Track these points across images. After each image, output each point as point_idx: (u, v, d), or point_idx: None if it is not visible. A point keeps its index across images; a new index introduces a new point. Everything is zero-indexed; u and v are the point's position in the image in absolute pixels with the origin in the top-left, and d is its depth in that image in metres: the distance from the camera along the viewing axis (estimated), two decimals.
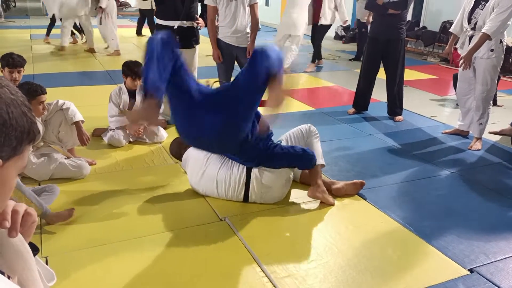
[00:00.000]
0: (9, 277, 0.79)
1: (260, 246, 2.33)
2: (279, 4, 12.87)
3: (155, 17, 4.09)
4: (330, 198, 2.80)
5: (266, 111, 2.22)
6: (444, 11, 8.96)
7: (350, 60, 8.30)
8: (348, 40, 10.87)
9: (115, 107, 3.67)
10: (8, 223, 0.78)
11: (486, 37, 3.60)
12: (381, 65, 4.66)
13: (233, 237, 2.40)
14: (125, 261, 2.15)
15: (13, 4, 15.67)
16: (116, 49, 7.76)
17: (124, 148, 3.62)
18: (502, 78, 5.71)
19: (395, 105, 4.68)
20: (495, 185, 3.20)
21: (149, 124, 2.27)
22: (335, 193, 2.88)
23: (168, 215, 2.61)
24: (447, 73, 7.29)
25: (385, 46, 4.49)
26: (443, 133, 4.28)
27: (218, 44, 4.12)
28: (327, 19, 6.90)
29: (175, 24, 3.87)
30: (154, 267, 2.14)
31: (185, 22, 3.90)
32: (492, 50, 3.71)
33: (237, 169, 2.71)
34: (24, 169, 2.88)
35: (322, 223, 2.62)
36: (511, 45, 6.39)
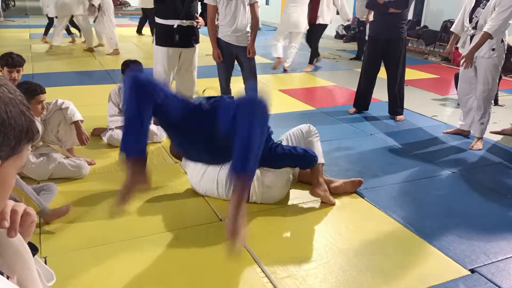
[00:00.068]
0: (8, 277, 0.78)
1: (260, 246, 2.32)
2: (280, 3, 12.86)
3: (155, 16, 4.07)
4: (332, 197, 2.80)
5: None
6: (445, 10, 8.95)
7: (350, 60, 8.29)
8: (348, 39, 10.85)
9: (115, 106, 3.66)
10: (7, 223, 0.77)
11: (488, 36, 3.59)
12: (382, 64, 4.65)
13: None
14: (125, 261, 2.15)
15: (12, 3, 15.68)
16: (115, 48, 7.71)
17: None
18: (503, 78, 5.70)
19: (396, 105, 4.67)
20: (496, 185, 3.20)
21: (144, 186, 2.09)
22: (333, 191, 2.87)
23: (168, 215, 2.60)
24: (448, 72, 7.28)
25: (386, 45, 4.48)
26: (444, 132, 4.27)
27: (218, 43, 4.11)
28: (324, 18, 6.77)
29: (175, 23, 3.86)
30: (154, 267, 2.13)
31: (185, 21, 3.89)
32: (494, 50, 3.70)
33: None
34: (23, 168, 2.83)
35: (323, 223, 2.62)
36: None
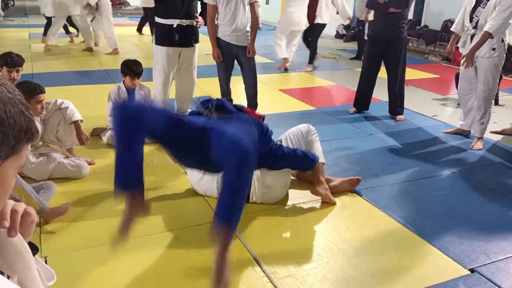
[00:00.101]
0: (9, 277, 0.78)
1: (260, 246, 2.32)
2: (280, 3, 12.85)
3: (155, 15, 4.07)
4: (332, 196, 2.79)
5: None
6: (446, 10, 8.95)
7: (351, 59, 8.28)
8: (349, 39, 10.84)
9: None
10: (7, 223, 0.77)
11: (488, 35, 3.59)
12: (382, 64, 4.65)
13: (233, 237, 2.39)
14: (125, 261, 2.14)
15: (11, 3, 15.66)
16: (115, 47, 7.68)
17: None
18: (504, 78, 5.70)
19: (396, 105, 4.67)
20: (496, 185, 3.19)
21: (144, 215, 2.10)
22: (332, 190, 2.87)
23: (168, 215, 2.60)
24: (449, 72, 7.28)
25: (386, 45, 4.47)
26: (444, 132, 4.26)
27: (218, 42, 4.11)
28: (323, 18, 6.75)
29: (175, 22, 3.86)
30: (154, 266, 2.13)
31: (184, 20, 3.89)
32: (494, 49, 3.70)
33: None
34: (22, 168, 2.82)
35: (323, 223, 2.62)
36: None
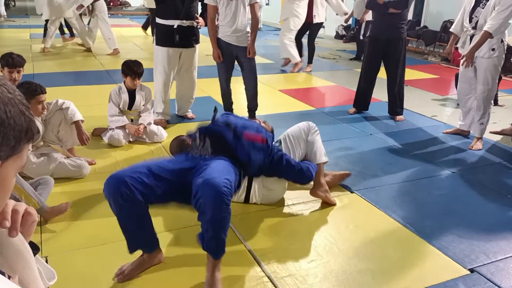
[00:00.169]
0: (9, 277, 0.78)
1: (260, 246, 2.33)
2: (279, 3, 12.85)
3: (155, 16, 4.07)
4: (332, 197, 2.80)
5: None
6: (445, 11, 8.95)
7: (350, 60, 8.28)
8: (348, 39, 10.85)
9: (115, 106, 3.66)
10: (8, 223, 0.77)
11: (488, 35, 3.59)
12: (382, 64, 4.66)
13: (233, 237, 2.40)
14: (125, 260, 2.14)
15: (12, 4, 15.66)
16: (115, 48, 7.66)
17: (124, 148, 3.62)
18: (503, 78, 5.70)
19: (395, 105, 4.67)
20: (496, 185, 3.20)
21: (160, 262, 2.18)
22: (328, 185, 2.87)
23: (168, 215, 2.60)
24: (448, 72, 7.28)
25: (386, 45, 4.48)
26: (444, 132, 4.27)
27: (218, 43, 4.11)
28: (320, 17, 6.82)
29: (175, 23, 3.86)
30: (154, 266, 2.14)
31: (185, 21, 3.90)
32: (494, 50, 3.70)
33: None
34: (23, 168, 2.82)
35: (322, 223, 2.62)
36: None
